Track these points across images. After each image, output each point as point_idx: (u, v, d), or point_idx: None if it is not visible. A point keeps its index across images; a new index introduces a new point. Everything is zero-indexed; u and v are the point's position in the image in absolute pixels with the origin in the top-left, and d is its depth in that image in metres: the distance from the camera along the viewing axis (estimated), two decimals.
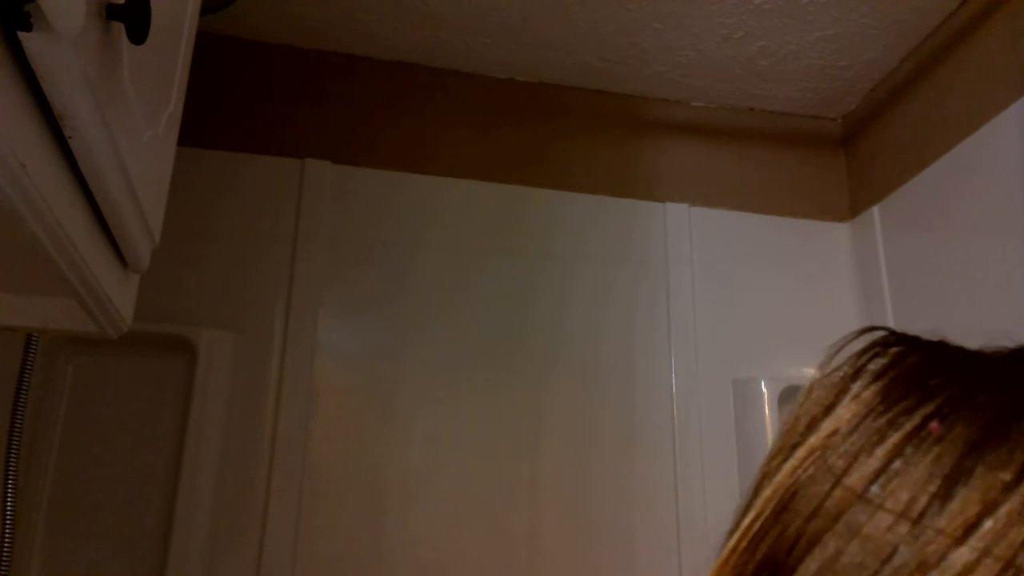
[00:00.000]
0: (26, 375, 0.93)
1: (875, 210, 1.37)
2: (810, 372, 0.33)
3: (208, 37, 1.25)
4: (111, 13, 0.41)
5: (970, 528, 0.23)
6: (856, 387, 0.29)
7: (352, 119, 1.34)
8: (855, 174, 1.47)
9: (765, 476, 0.31)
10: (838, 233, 1.45)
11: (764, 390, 1.26)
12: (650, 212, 1.39)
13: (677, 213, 1.40)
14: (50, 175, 0.40)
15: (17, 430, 0.93)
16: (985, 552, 0.22)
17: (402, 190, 1.31)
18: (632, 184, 1.41)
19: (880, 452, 0.26)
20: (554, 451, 1.24)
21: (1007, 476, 0.23)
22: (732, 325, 1.36)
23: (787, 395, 1.25)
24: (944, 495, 0.24)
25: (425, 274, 1.28)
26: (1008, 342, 0.30)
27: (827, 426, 0.29)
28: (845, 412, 0.29)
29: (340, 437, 1.18)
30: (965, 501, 0.24)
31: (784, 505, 0.28)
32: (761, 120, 1.50)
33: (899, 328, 0.31)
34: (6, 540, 0.90)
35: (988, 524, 0.23)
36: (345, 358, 1.23)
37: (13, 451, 0.93)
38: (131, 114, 0.50)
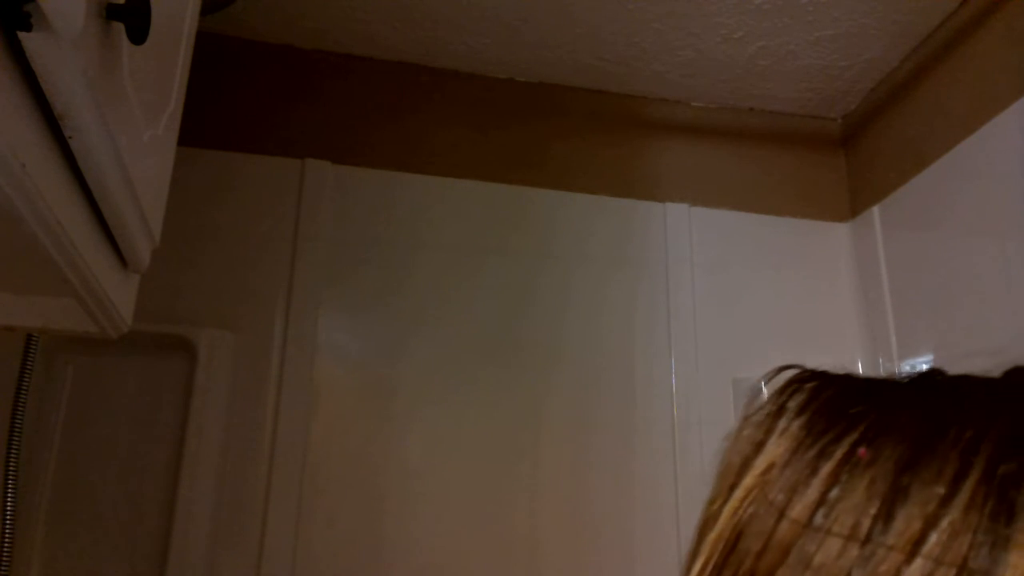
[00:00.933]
0: (26, 375, 0.93)
1: (875, 210, 1.37)
2: None
3: (208, 37, 1.25)
4: (111, 13, 0.41)
5: (917, 543, 0.24)
6: (781, 423, 0.30)
7: (352, 119, 1.34)
8: (855, 174, 1.47)
9: (707, 521, 0.31)
10: (838, 233, 1.45)
11: (764, 390, 1.26)
12: (650, 212, 1.39)
13: (677, 213, 1.40)
14: (50, 175, 0.40)
15: (17, 430, 0.93)
16: (938, 562, 0.23)
17: (402, 190, 1.31)
18: (632, 184, 1.41)
19: (816, 482, 0.27)
20: (554, 451, 1.24)
21: (941, 490, 0.24)
22: (732, 325, 1.36)
23: None
24: (886, 515, 0.25)
25: (425, 274, 1.28)
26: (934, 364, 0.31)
27: (760, 464, 0.30)
28: (775, 448, 0.30)
29: (340, 437, 1.18)
30: (908, 518, 0.24)
31: (731, 546, 0.29)
32: (761, 120, 1.50)
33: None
34: (6, 540, 0.90)
35: (934, 537, 0.24)
36: (345, 358, 1.23)
37: (13, 451, 0.93)
38: (131, 114, 0.50)
